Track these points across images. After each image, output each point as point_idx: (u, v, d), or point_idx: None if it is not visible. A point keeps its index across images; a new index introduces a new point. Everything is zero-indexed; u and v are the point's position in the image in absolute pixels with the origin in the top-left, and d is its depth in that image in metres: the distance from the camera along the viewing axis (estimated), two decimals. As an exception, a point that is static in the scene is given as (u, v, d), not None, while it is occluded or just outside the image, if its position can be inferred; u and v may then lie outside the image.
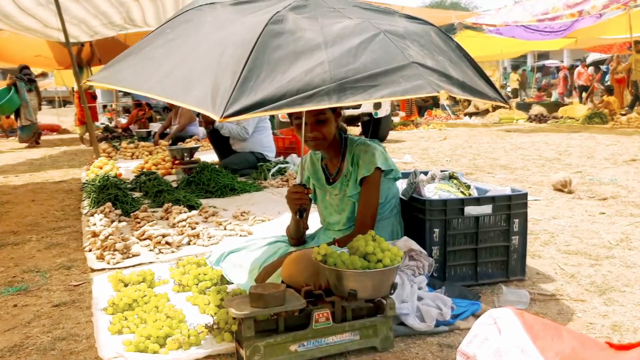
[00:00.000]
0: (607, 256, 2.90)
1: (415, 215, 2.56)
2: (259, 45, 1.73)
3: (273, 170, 5.64)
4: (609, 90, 13.66)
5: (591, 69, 18.00)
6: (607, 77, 15.55)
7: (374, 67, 1.76)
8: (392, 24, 2.02)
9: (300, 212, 2.32)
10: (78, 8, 7.57)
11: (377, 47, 1.83)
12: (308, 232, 2.74)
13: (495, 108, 16.25)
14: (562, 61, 27.92)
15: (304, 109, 1.75)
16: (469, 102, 16.43)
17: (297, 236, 2.55)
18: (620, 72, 14.41)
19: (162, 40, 2.09)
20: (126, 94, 20.44)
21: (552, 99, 17.79)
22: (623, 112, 12.44)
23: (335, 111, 2.39)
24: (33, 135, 11.58)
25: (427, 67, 1.82)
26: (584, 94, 16.55)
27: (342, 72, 1.72)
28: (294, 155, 6.28)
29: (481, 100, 2.04)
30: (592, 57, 21.21)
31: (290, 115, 2.41)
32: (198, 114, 10.74)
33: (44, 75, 18.61)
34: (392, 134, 10.89)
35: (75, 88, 10.50)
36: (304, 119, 2.26)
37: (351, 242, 2.02)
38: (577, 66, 18.87)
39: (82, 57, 10.50)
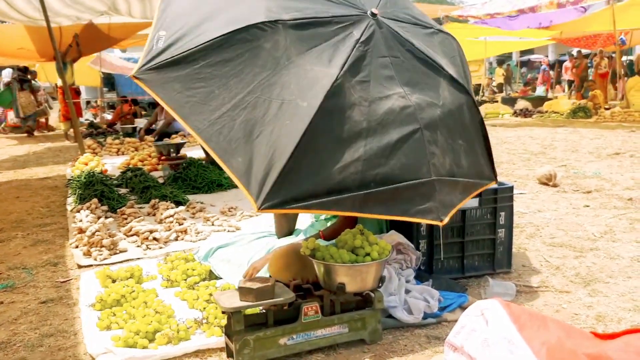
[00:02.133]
0: (591, 248, 2.94)
1: (403, 209, 2.57)
2: (311, 129, 1.79)
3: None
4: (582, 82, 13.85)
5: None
6: (591, 72, 15.71)
7: (399, 175, 1.90)
8: (434, 100, 2.10)
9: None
10: (60, 5, 7.47)
11: (409, 149, 1.95)
12: (296, 226, 2.77)
13: (480, 103, 16.37)
14: (547, 56, 28.16)
15: (330, 212, 1.97)
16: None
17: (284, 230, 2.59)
18: (604, 67, 14.58)
19: (219, 65, 1.91)
20: (110, 90, 20.22)
21: (538, 93, 17.91)
22: (607, 107, 12.58)
23: None
24: (28, 128, 12.43)
25: (443, 181, 1.99)
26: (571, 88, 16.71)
27: (372, 176, 1.85)
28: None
29: (473, 194, 2.26)
30: (575, 52, 21.42)
31: None
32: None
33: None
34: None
35: (59, 83, 10.37)
36: None
37: (339, 236, 2.04)
38: (565, 60, 19.04)
39: (65, 53, 10.37)
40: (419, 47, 2.17)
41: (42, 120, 13.29)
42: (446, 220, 1.96)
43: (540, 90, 18.11)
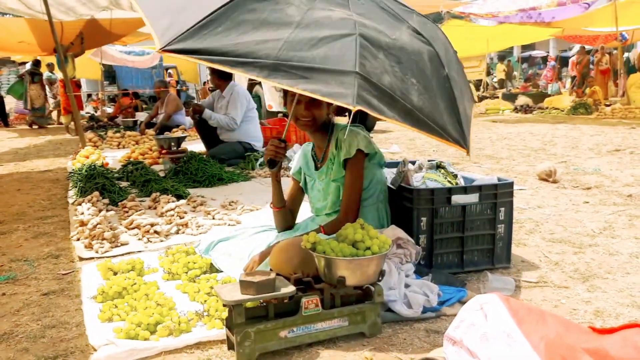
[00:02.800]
0: (590, 244, 2.96)
1: (403, 204, 2.58)
2: (238, 3, 1.83)
3: (260, 160, 5.64)
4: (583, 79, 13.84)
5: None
6: (592, 68, 15.70)
7: (319, 63, 1.80)
8: (386, 32, 2.01)
9: (273, 162, 2.46)
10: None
11: (338, 46, 1.85)
12: (297, 221, 2.78)
13: (481, 99, 16.35)
14: (548, 52, 28.10)
15: (229, 70, 1.82)
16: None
17: (278, 199, 2.61)
18: (605, 63, 14.56)
19: None
20: (111, 83, 20.21)
21: (550, 90, 17.73)
22: (607, 103, 12.58)
23: None
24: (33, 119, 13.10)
25: (370, 82, 1.81)
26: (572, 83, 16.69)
27: (289, 55, 1.78)
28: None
29: (429, 134, 1.99)
30: (576, 48, 21.40)
31: (286, 92, 2.47)
32: (185, 103, 10.68)
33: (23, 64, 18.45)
34: (379, 124, 10.91)
35: (60, 76, 10.38)
36: (296, 97, 2.36)
37: (340, 229, 2.05)
38: (566, 57, 19.03)
39: (66, 46, 10.37)
40: (387, 7, 2.15)
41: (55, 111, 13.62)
42: (359, 107, 1.73)
43: (554, 88, 17.87)
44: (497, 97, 16.63)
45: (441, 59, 2.17)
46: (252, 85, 9.60)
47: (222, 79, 5.99)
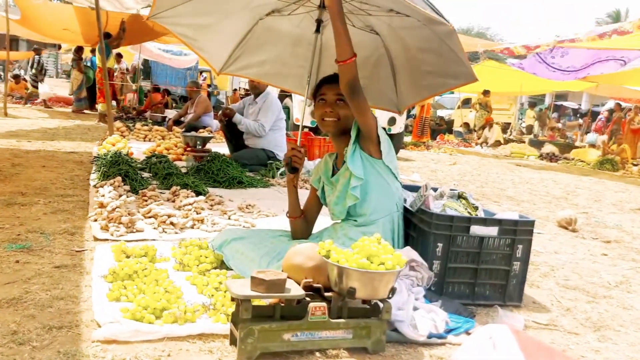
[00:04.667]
0: (605, 295, 2.90)
1: (421, 228, 2.58)
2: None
3: (282, 169, 5.68)
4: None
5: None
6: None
7: None
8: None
9: (293, 168, 2.58)
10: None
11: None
12: (313, 231, 2.79)
13: (507, 141, 16.27)
14: (580, 104, 27.93)
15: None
16: (483, 132, 16.46)
17: (295, 208, 2.68)
18: (637, 122, 14.41)
19: None
20: (145, 78, 20.58)
21: (587, 141, 17.40)
22: (635, 163, 12.43)
23: None
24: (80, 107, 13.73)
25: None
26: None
27: None
28: (308, 162, 6.31)
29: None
30: (610, 104, 21.23)
31: (315, 93, 2.62)
32: (214, 107, 10.82)
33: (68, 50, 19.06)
34: (402, 153, 10.93)
35: (99, 64, 10.63)
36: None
37: (356, 242, 2.05)
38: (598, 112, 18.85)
39: (111, 35, 10.65)
40: None
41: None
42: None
43: (591, 139, 17.60)
44: (524, 142, 16.55)
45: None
46: (282, 97, 9.70)
47: (261, 85, 6.04)
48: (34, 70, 16.06)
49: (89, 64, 14.26)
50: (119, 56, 14.56)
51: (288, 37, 3.17)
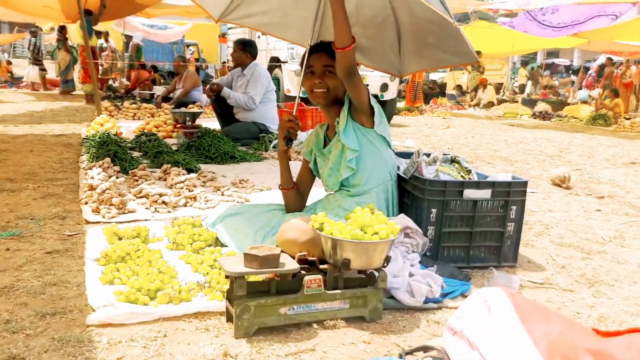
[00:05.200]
0: (599, 251, 2.92)
1: (414, 194, 2.56)
2: None
3: (275, 142, 5.62)
4: (615, 93, 13.58)
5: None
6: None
7: None
8: None
9: (288, 140, 2.57)
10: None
11: None
12: (307, 203, 2.77)
13: (500, 102, 16.18)
14: (572, 61, 27.73)
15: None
16: (476, 93, 16.35)
17: (287, 180, 2.66)
18: (629, 76, 14.34)
19: None
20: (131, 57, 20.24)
21: (579, 98, 17.30)
22: (627, 117, 12.41)
23: None
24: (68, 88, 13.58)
25: None
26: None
27: None
28: (301, 132, 6.24)
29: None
30: (601, 59, 21.05)
31: (302, 64, 2.55)
32: (203, 81, 10.66)
33: (51, 29, 18.63)
34: (396, 119, 10.86)
35: (82, 43, 10.42)
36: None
37: (349, 213, 2.03)
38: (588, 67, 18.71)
39: (92, 12, 10.39)
40: None
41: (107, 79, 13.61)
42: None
43: (582, 95, 17.49)
44: (517, 102, 16.47)
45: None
46: (272, 67, 9.56)
47: (247, 54, 5.92)
48: (31, 54, 15.76)
49: (75, 45, 14.01)
50: (106, 34, 14.26)
51: None
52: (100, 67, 13.98)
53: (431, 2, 2.19)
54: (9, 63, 16.91)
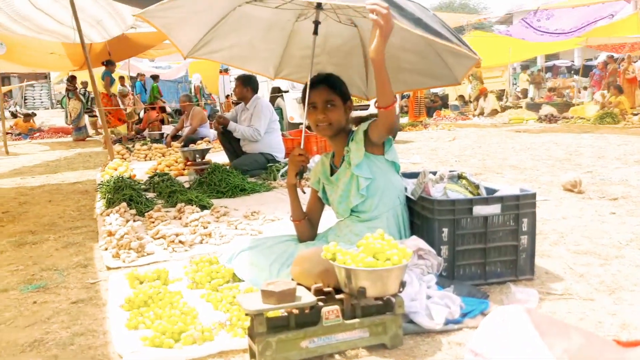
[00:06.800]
0: (616, 256, 2.91)
1: (424, 215, 2.59)
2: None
3: (282, 170, 5.70)
4: (619, 90, 13.55)
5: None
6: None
7: None
8: None
9: (300, 173, 2.62)
10: (94, 6, 7.70)
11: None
12: (318, 231, 2.81)
13: (504, 109, 16.18)
14: (573, 61, 27.70)
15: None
16: (478, 103, 16.39)
17: (298, 212, 2.71)
18: (632, 72, 14.30)
19: None
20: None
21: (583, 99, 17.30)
22: (634, 112, 12.35)
23: (346, 102, 2.55)
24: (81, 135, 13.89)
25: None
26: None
27: None
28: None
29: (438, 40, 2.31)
30: (603, 56, 21.04)
31: (303, 99, 2.62)
32: (209, 116, 10.85)
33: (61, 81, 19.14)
34: (400, 135, 10.92)
35: (102, 90, 10.82)
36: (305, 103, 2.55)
37: (360, 240, 2.07)
38: (590, 66, 18.70)
39: (113, 62, 10.82)
40: None
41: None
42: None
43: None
44: (521, 107, 16.46)
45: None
46: (274, 98, 9.72)
47: (249, 89, 6.11)
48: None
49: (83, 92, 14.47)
50: (122, 79, 14.57)
51: (264, 23, 3.11)
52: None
53: (426, 27, 2.25)
54: (30, 116, 17.21)
